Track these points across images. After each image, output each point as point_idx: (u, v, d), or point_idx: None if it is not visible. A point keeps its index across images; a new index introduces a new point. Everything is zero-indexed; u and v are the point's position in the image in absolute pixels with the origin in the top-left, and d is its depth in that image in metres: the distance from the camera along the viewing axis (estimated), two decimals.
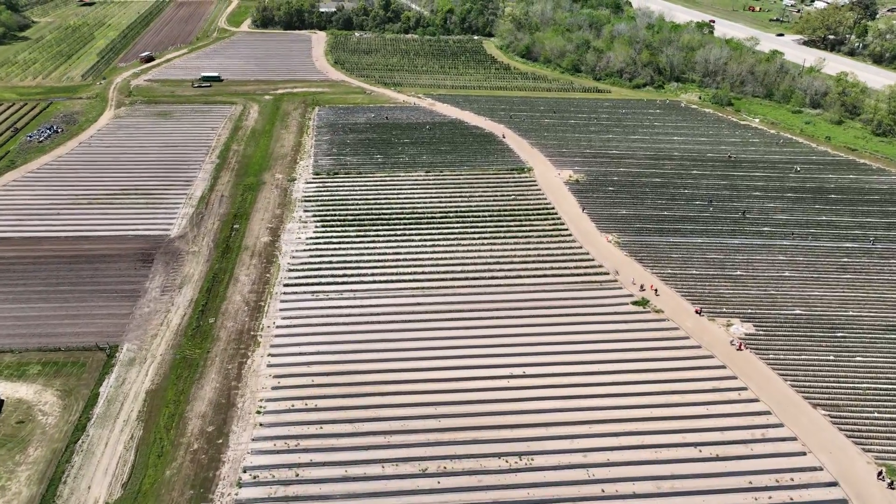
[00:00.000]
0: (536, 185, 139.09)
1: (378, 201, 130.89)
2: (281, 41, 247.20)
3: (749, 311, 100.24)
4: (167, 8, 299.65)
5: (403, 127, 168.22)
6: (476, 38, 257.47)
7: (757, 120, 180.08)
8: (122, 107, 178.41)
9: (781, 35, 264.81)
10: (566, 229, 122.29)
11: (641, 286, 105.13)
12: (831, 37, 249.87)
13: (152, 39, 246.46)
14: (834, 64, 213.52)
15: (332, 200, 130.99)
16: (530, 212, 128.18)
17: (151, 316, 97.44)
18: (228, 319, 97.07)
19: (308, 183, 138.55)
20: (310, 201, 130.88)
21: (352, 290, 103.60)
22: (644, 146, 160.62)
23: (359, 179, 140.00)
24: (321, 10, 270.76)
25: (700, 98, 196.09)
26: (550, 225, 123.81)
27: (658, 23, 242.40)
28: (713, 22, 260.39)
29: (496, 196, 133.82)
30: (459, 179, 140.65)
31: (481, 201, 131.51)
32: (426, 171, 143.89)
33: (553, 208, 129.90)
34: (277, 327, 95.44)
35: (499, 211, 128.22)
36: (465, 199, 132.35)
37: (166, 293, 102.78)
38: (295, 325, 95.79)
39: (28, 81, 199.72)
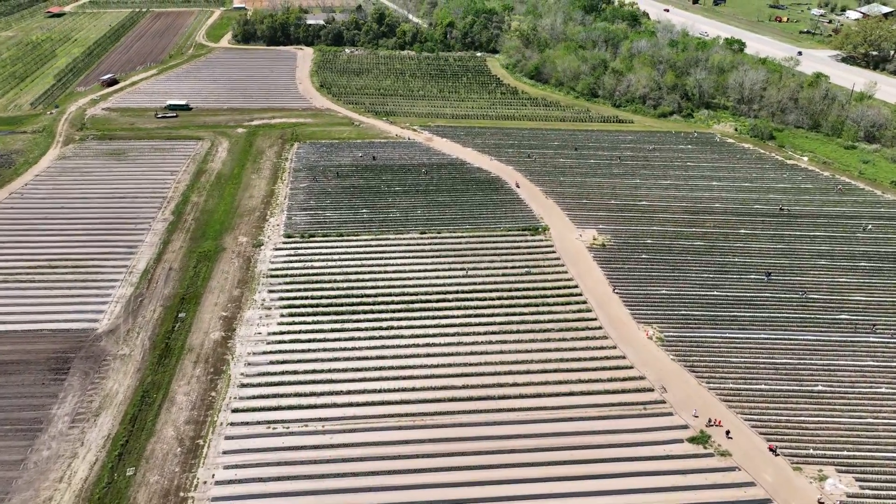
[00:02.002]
0: (554, 252, 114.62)
1: (361, 277, 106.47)
2: (262, 60, 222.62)
3: (846, 453, 75.79)
4: (142, 19, 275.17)
5: (395, 170, 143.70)
6: (479, 54, 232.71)
7: (806, 158, 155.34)
8: (71, 143, 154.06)
9: (800, 55, 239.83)
10: (594, 319, 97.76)
11: (696, 413, 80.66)
12: (874, 53, 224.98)
13: (120, 57, 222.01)
14: (887, 88, 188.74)
15: (304, 276, 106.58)
16: (548, 291, 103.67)
17: (50, 464, 73.12)
18: (153, 470, 72.67)
19: (277, 249, 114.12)
20: (277, 276, 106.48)
21: (320, 420, 79.25)
22: (679, 195, 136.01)
23: (339, 244, 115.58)
24: (308, 22, 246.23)
25: (736, 130, 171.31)
26: (574, 312, 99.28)
27: (682, 39, 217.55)
28: (705, 34, 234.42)
29: (506, 269, 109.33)
30: (461, 244, 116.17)
31: (487, 277, 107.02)
32: (421, 233, 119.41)
33: (576, 285, 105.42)
34: (217, 483, 71.11)
35: (509, 290, 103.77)
36: (468, 272, 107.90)
37: (77, 424, 78.48)
38: (241, 480, 71.45)
39: None
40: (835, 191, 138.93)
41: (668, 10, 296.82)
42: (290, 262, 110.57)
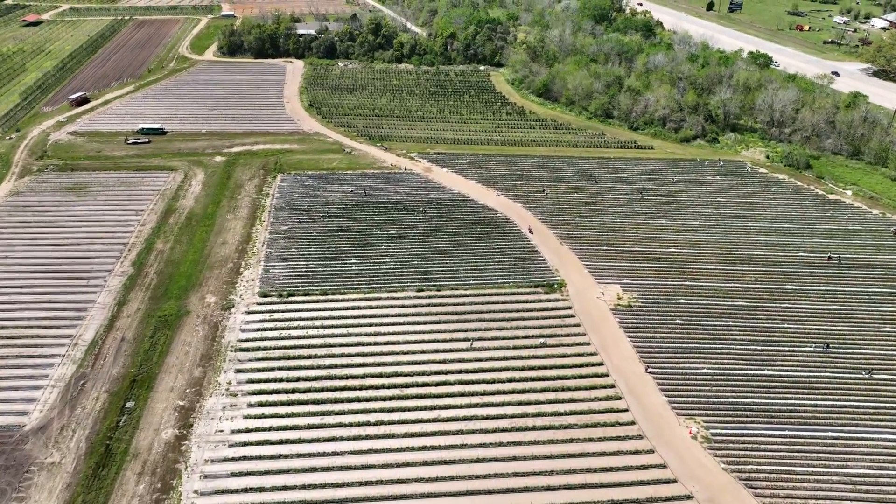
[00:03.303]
0: (573, 316, 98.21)
1: (347, 351, 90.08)
2: (248, 75, 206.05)
3: None
4: (124, 28, 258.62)
5: (390, 208, 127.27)
6: (482, 68, 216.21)
7: (849, 192, 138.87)
8: (27, 176, 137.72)
9: (836, 75, 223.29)
10: (625, 409, 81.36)
11: None
12: None
13: (95, 72, 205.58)
14: None
15: (279, 350, 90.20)
16: (568, 370, 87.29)
17: None
18: None
19: (250, 313, 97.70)
20: (247, 350, 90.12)
21: None
22: (711, 239, 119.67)
23: (323, 305, 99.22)
24: (299, 32, 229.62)
25: (768, 157, 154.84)
26: (600, 399, 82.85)
27: (702, 53, 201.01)
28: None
29: (517, 339, 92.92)
30: (464, 305, 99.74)
31: (496, 351, 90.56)
32: (418, 290, 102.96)
33: (601, 362, 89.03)
34: None
35: (521, 368, 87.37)
36: (473, 344, 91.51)
37: None
38: None
39: None
40: (892, 233, 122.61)
41: (640, 5, 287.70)
42: (264, 330, 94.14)
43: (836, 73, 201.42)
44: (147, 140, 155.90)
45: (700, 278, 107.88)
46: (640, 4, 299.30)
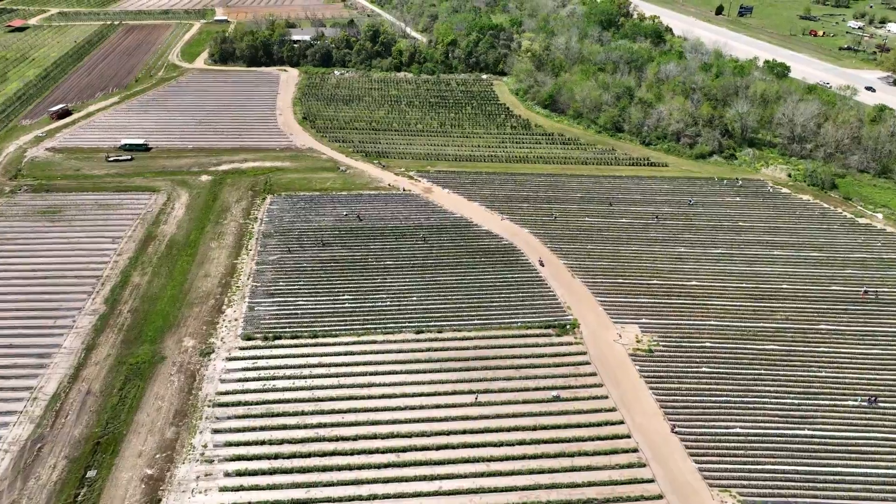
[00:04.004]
0: (588, 363, 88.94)
1: (338, 407, 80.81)
2: (240, 84, 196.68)
3: None
4: (113, 34, 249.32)
5: (387, 234, 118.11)
6: (485, 77, 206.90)
7: (880, 216, 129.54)
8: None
9: (872, 91, 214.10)
10: (650, 480, 71.97)
11: None
12: None
13: (79, 81, 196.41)
14: None
15: (262, 405, 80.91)
16: (584, 430, 77.97)
17: None
18: None
19: (231, 360, 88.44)
20: (227, 406, 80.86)
21: None
22: (734, 270, 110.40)
23: (312, 350, 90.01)
24: (294, 38, 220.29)
25: (790, 176, 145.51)
26: (622, 467, 73.45)
27: (715, 62, 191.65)
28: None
29: (526, 390, 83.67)
30: (467, 350, 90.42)
31: (503, 406, 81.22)
32: (417, 332, 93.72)
33: (621, 420, 79.72)
34: None
35: (533, 428, 77.99)
36: (478, 398, 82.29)
37: None
38: None
39: None
40: None
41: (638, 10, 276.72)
42: (246, 380, 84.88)
43: (870, 89, 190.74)
44: (129, 157, 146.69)
45: (725, 317, 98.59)
46: (637, 9, 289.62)
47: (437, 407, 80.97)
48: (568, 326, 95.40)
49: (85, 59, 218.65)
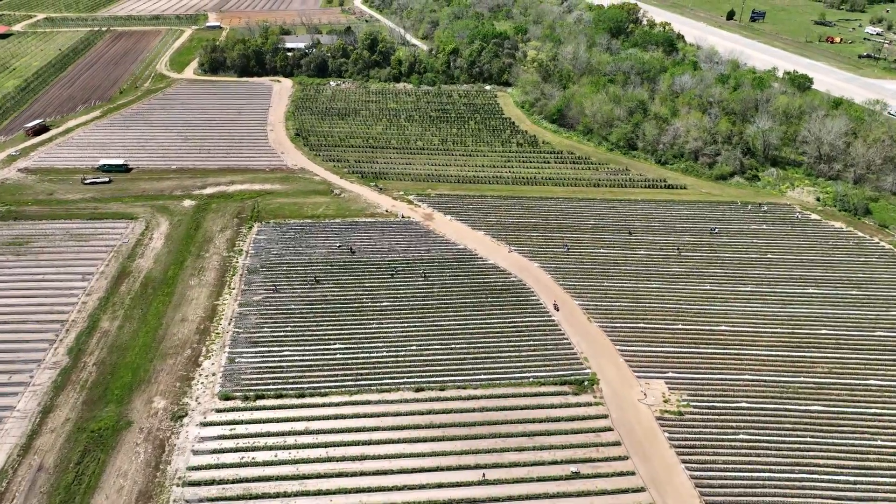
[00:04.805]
0: (610, 428, 78.52)
1: (326, 487, 70.34)
2: (230, 97, 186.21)
3: None
4: (100, 41, 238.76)
5: (384, 270, 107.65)
6: (488, 88, 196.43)
7: None
8: None
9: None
10: None
11: None
12: None
13: (60, 93, 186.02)
14: None
15: (238, 484, 70.38)
16: None
17: None
18: None
19: (206, 425, 78.06)
20: (198, 484, 70.44)
21: None
22: (767, 312, 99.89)
23: (298, 413, 79.60)
24: (288, 46, 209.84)
25: (819, 200, 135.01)
26: None
27: (732, 72, 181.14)
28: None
29: (541, 464, 73.22)
30: (473, 413, 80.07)
31: (514, 485, 70.65)
32: (416, 390, 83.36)
33: (651, 503, 69.33)
34: None
35: None
36: (486, 474, 71.84)
37: None
38: None
39: None
40: None
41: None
42: (222, 451, 74.48)
43: None
44: (108, 179, 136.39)
45: (761, 369, 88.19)
46: (647, 15, 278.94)
47: (440, 486, 70.59)
48: (586, 383, 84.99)
49: (68, 68, 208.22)
